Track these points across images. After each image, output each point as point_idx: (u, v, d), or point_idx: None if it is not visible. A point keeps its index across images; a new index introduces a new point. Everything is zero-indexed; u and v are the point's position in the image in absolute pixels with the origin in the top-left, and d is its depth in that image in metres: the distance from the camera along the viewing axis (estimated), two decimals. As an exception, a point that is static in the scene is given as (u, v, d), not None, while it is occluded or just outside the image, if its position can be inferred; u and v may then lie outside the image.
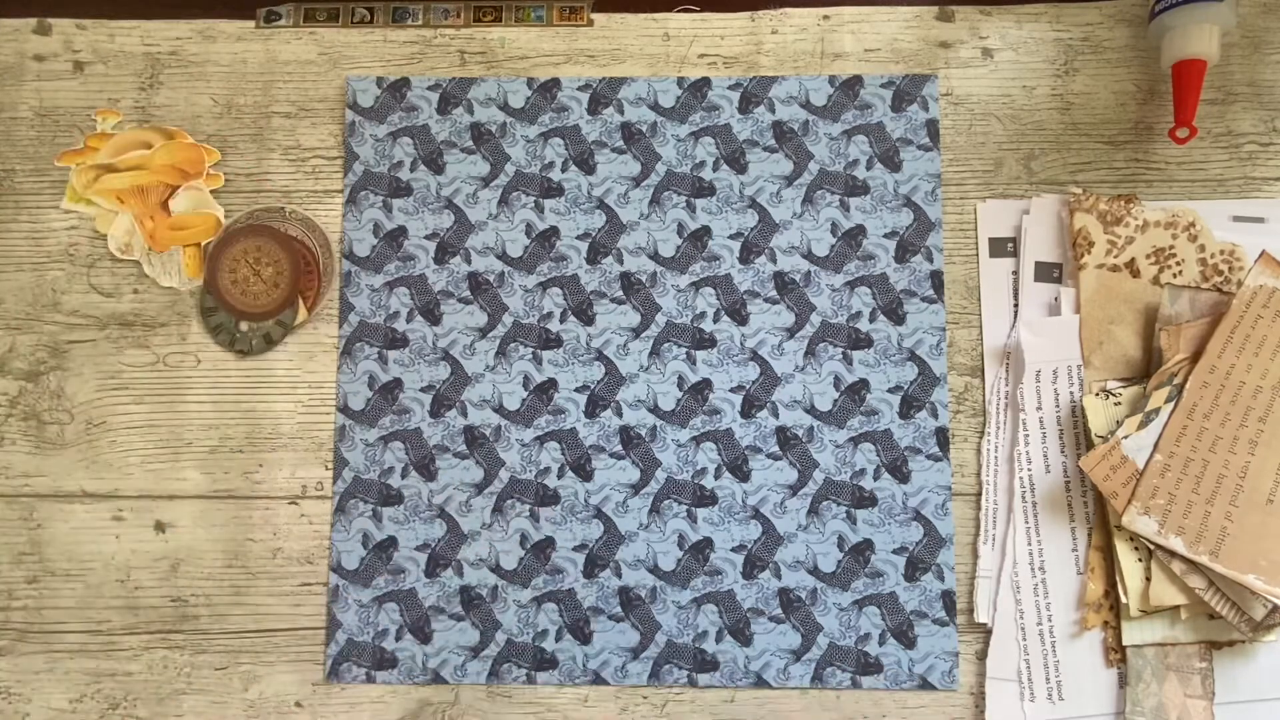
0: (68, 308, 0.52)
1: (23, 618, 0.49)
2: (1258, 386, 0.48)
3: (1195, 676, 0.48)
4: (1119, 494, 0.48)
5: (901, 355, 0.51)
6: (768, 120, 0.53)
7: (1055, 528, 0.49)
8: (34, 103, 0.53)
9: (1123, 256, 0.51)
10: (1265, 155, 0.53)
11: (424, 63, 0.54)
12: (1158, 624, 0.48)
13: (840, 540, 0.50)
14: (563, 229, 0.52)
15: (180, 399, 0.51)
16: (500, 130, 0.53)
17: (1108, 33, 0.54)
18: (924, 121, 0.53)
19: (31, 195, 0.52)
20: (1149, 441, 0.48)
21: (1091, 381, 0.50)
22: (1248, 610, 0.46)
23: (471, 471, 0.50)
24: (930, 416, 0.50)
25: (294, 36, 0.54)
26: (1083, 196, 0.52)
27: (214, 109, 0.53)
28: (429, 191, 0.52)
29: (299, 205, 0.52)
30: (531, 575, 0.49)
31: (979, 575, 0.49)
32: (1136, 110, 0.53)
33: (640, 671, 0.49)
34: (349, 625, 0.49)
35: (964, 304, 0.52)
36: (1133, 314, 0.51)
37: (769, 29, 0.54)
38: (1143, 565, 0.48)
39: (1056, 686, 0.48)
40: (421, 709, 0.49)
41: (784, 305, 0.51)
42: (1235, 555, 0.46)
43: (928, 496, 0.50)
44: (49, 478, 0.50)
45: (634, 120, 0.53)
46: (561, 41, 0.54)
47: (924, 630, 0.49)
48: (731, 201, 0.52)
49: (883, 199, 0.52)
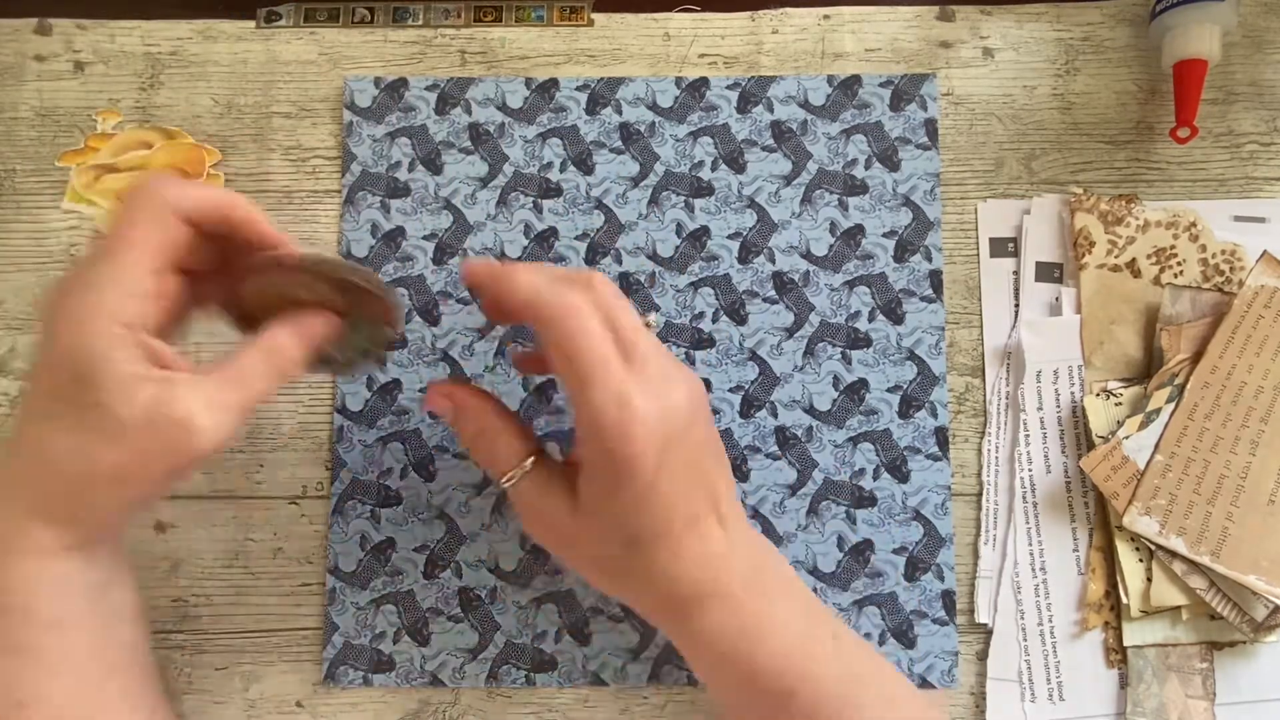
0: (68, 308, 0.52)
1: (23, 617, 0.49)
2: (1259, 387, 0.48)
3: (1196, 677, 0.48)
4: (1120, 494, 0.48)
5: (901, 355, 0.51)
6: (766, 120, 0.52)
7: (1056, 528, 0.49)
8: (34, 103, 0.53)
9: (1124, 256, 0.51)
10: (1266, 155, 0.53)
11: (424, 63, 0.54)
12: (1159, 624, 0.48)
13: (840, 540, 0.50)
14: (561, 229, 0.52)
15: (180, 399, 0.51)
16: (498, 130, 0.53)
17: (1109, 32, 0.54)
18: (922, 121, 0.52)
19: (32, 195, 0.52)
20: (1150, 442, 0.48)
21: (1092, 382, 0.50)
22: (1249, 611, 0.46)
23: (471, 472, 0.50)
24: (930, 416, 0.50)
25: (294, 36, 0.54)
26: (1083, 196, 0.52)
27: (214, 109, 0.53)
28: (427, 192, 0.52)
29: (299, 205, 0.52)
30: (531, 576, 0.49)
31: (980, 575, 0.49)
32: (1137, 110, 0.53)
33: (640, 672, 0.49)
34: (346, 628, 0.49)
35: (965, 304, 0.52)
36: (1134, 314, 0.51)
37: (769, 29, 0.54)
38: (1144, 566, 0.48)
39: (1057, 687, 0.48)
40: (422, 708, 0.49)
41: (783, 305, 0.51)
42: (1236, 556, 0.46)
43: (927, 496, 0.50)
44: (49, 478, 0.50)
45: (632, 120, 0.53)
46: (562, 41, 0.54)
47: (924, 630, 0.49)
48: (730, 201, 0.52)
49: (881, 198, 0.52)
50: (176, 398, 0.34)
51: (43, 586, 0.36)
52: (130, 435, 0.34)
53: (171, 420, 0.34)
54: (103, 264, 0.35)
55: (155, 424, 0.34)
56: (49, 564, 0.36)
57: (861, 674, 0.40)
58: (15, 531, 0.35)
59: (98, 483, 0.35)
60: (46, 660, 0.37)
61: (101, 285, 0.34)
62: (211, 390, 0.35)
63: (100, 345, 0.33)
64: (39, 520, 0.35)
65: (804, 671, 0.38)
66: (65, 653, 0.37)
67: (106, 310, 0.34)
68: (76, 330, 0.34)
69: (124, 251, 0.35)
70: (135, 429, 0.34)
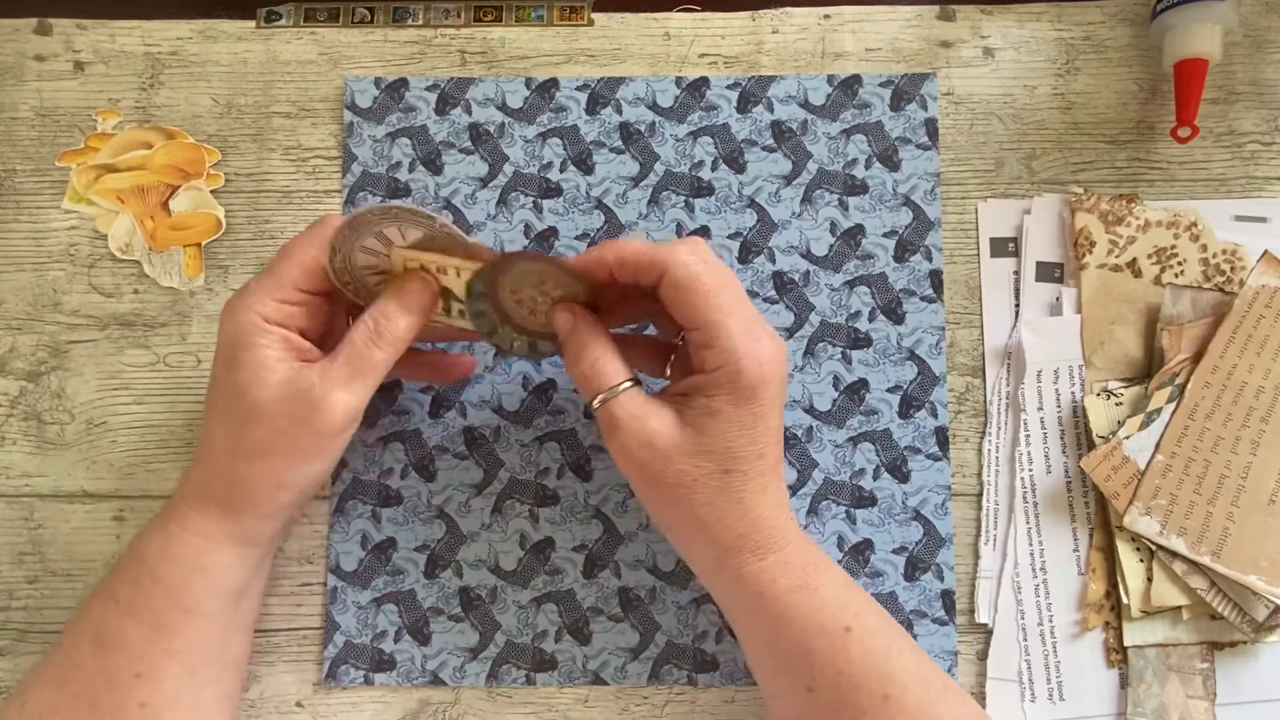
0: (68, 308, 0.52)
1: (23, 618, 0.49)
2: (1260, 387, 0.48)
3: (1197, 677, 0.48)
4: (1120, 494, 0.48)
5: (901, 355, 0.51)
6: (766, 120, 0.52)
7: (1056, 528, 0.49)
8: (34, 103, 0.53)
9: (1124, 256, 0.51)
10: (1267, 155, 0.52)
11: (424, 62, 0.54)
12: (1159, 625, 0.48)
13: (840, 540, 0.50)
14: (561, 229, 0.52)
15: (181, 399, 0.51)
16: (498, 130, 0.53)
17: (1109, 32, 0.54)
18: (923, 120, 0.52)
19: (32, 195, 0.52)
20: (1150, 442, 0.48)
21: (1093, 382, 0.50)
22: (1250, 611, 0.46)
23: (471, 472, 0.50)
24: (930, 416, 0.50)
25: (294, 36, 0.54)
26: (1084, 196, 0.52)
27: (214, 109, 0.53)
28: (427, 192, 0.52)
29: (299, 206, 0.52)
30: (531, 576, 0.49)
31: (980, 575, 0.49)
32: (1138, 110, 0.53)
33: (640, 672, 0.49)
34: (347, 627, 0.49)
35: (965, 304, 0.52)
36: (1134, 314, 0.51)
37: (770, 28, 0.54)
38: (1144, 566, 0.48)
39: (1057, 687, 0.48)
40: (422, 708, 0.49)
41: (783, 305, 0.51)
42: (1237, 556, 0.46)
43: (927, 496, 0.50)
44: (49, 478, 0.50)
45: (632, 120, 0.53)
46: (562, 41, 0.54)
47: (923, 630, 0.49)
48: (730, 201, 0.52)
49: (882, 198, 0.52)
50: (303, 379, 0.40)
51: (199, 571, 0.41)
52: (267, 413, 0.39)
53: (300, 398, 0.40)
54: (264, 273, 0.41)
55: (286, 402, 0.39)
56: (211, 550, 0.41)
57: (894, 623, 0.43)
58: (190, 513, 0.41)
59: (244, 458, 0.40)
60: (177, 643, 0.41)
61: (255, 288, 0.41)
62: (334, 370, 0.40)
63: (245, 336, 0.40)
64: (209, 503, 0.41)
65: (856, 610, 0.41)
66: (191, 642, 0.41)
67: (255, 307, 0.40)
68: (230, 323, 0.40)
69: (281, 262, 0.41)
70: (271, 407, 0.39)
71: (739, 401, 0.40)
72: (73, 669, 0.41)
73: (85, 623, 0.42)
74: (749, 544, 0.41)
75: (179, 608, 0.41)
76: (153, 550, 0.41)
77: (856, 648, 0.40)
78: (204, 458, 0.42)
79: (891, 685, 0.40)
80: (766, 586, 0.41)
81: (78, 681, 0.41)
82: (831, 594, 0.41)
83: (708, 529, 0.41)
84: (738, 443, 0.40)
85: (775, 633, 0.42)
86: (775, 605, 0.41)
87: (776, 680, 0.43)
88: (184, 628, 0.41)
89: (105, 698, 0.40)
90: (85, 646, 0.41)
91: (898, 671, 0.40)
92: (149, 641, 0.41)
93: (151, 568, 0.41)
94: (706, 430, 0.40)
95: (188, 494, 0.42)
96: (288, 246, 0.41)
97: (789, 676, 0.42)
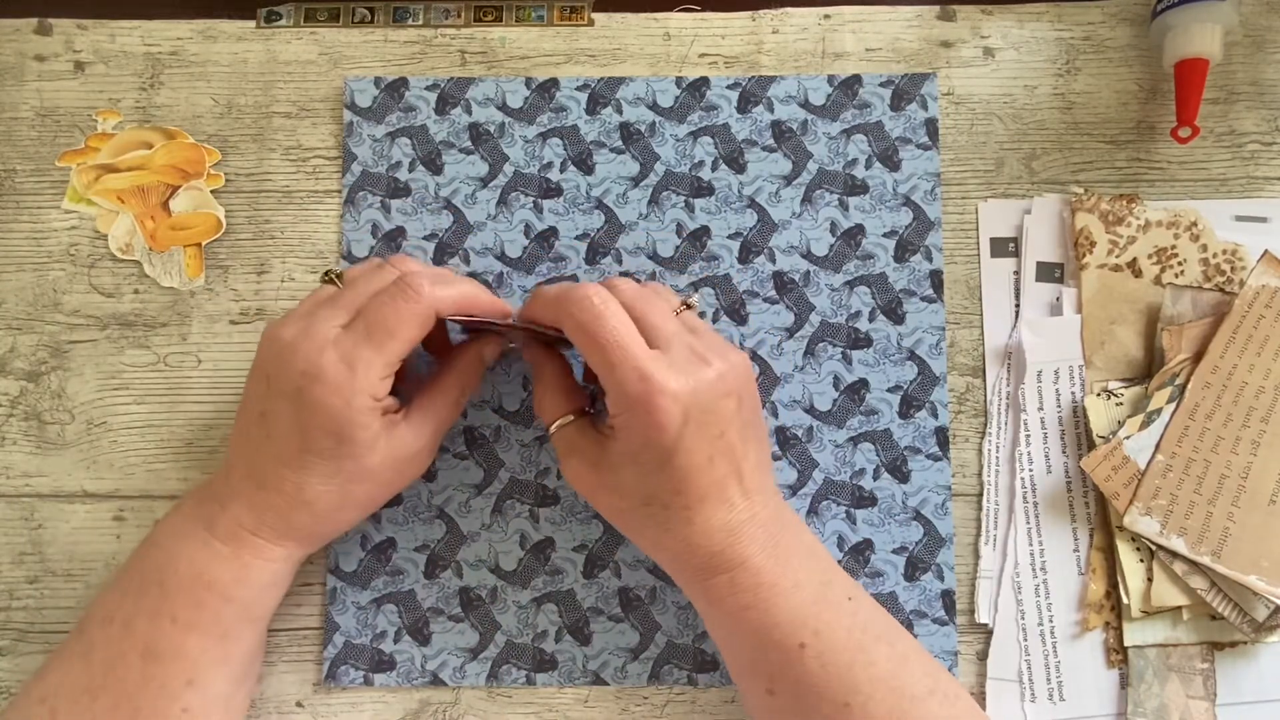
0: (68, 308, 0.52)
1: (23, 618, 0.49)
2: (1260, 387, 0.48)
3: (1197, 677, 0.48)
4: (1120, 494, 0.48)
5: (901, 355, 0.51)
6: (766, 120, 0.52)
7: (1056, 528, 0.49)
8: (35, 103, 0.53)
9: (1124, 256, 0.51)
10: (1268, 155, 0.52)
11: (424, 62, 0.54)
12: (1159, 625, 0.48)
13: (840, 540, 0.50)
14: (561, 229, 0.52)
15: (181, 399, 0.51)
16: (499, 130, 0.53)
17: (1109, 32, 0.54)
18: (923, 120, 0.52)
19: (32, 195, 0.52)
20: (1151, 442, 0.48)
21: (1093, 382, 0.50)
22: (1250, 611, 0.46)
23: (471, 472, 0.50)
24: (930, 416, 0.50)
25: (294, 36, 0.54)
26: (1084, 196, 0.51)
27: (214, 109, 0.53)
28: (427, 192, 0.52)
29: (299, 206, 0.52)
30: (531, 576, 0.49)
31: (980, 575, 0.49)
32: (1138, 110, 0.53)
33: (640, 672, 0.49)
34: (347, 627, 0.49)
35: (965, 304, 0.52)
36: (1134, 314, 0.51)
37: (770, 28, 0.54)
38: (1144, 566, 0.48)
39: (1057, 687, 0.48)
40: (422, 708, 0.49)
41: (783, 305, 0.51)
42: (1237, 556, 0.46)
43: (927, 496, 0.50)
44: (50, 478, 0.50)
45: (632, 120, 0.53)
46: (562, 41, 0.54)
47: (923, 630, 0.49)
48: (730, 201, 0.52)
49: (882, 198, 0.52)
50: (405, 442, 0.44)
51: (274, 587, 0.44)
52: (376, 475, 0.43)
53: (402, 458, 0.44)
54: (367, 349, 0.41)
55: (391, 464, 0.44)
56: (287, 572, 0.45)
57: (876, 632, 0.42)
58: (267, 546, 0.43)
59: (350, 509, 0.44)
60: (232, 651, 0.43)
61: (366, 369, 0.41)
62: (421, 422, 0.45)
63: (359, 417, 0.41)
64: (288, 539, 0.44)
65: (816, 627, 0.41)
66: (240, 651, 0.43)
67: (369, 389, 0.41)
68: (342, 404, 0.41)
69: (388, 343, 0.41)
70: (380, 470, 0.43)
71: (637, 449, 0.41)
72: (116, 681, 0.41)
73: (130, 639, 0.42)
74: (689, 566, 0.43)
75: (247, 619, 0.43)
76: (225, 578, 0.42)
77: (814, 661, 0.40)
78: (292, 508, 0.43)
79: (855, 695, 0.40)
80: (715, 602, 0.42)
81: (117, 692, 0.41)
82: (787, 614, 0.41)
83: (650, 549, 0.44)
84: (647, 482, 0.41)
85: (728, 640, 0.43)
86: (728, 620, 0.42)
87: (739, 679, 0.44)
88: (246, 636, 0.44)
89: (149, 705, 0.41)
90: (133, 659, 0.41)
91: (862, 682, 0.40)
92: (208, 650, 0.42)
93: (225, 591, 0.42)
94: (621, 468, 0.42)
95: (263, 529, 0.43)
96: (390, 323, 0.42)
97: (749, 679, 0.43)
